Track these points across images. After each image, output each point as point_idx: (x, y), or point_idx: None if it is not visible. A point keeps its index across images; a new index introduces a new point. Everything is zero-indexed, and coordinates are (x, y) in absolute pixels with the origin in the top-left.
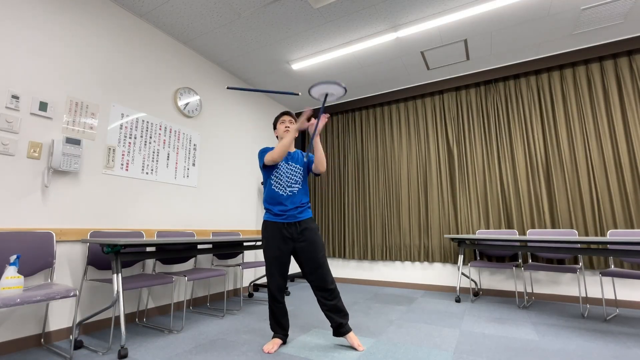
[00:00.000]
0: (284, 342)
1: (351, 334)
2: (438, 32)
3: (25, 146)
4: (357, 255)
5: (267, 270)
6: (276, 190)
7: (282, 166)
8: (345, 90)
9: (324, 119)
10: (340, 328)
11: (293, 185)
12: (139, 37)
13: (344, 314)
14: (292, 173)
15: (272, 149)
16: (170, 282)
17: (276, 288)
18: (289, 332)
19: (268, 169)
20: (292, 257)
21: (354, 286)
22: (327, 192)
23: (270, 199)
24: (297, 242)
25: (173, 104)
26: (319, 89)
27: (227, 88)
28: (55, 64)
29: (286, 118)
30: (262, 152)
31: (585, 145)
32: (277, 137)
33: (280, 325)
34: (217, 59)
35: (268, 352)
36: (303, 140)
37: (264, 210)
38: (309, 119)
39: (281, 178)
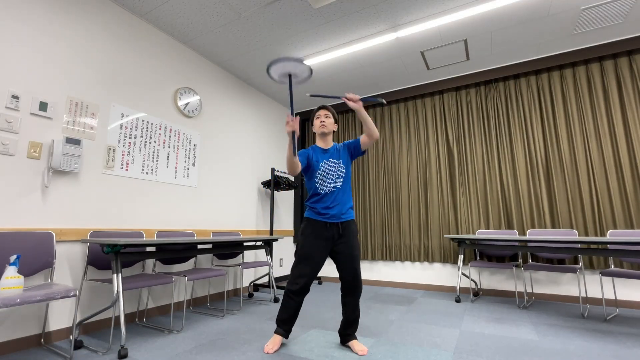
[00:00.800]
0: (286, 338)
1: (354, 341)
2: (438, 32)
3: (25, 146)
4: None
5: (296, 266)
6: (319, 189)
7: (322, 166)
8: (311, 71)
9: (294, 122)
10: (346, 337)
11: (337, 180)
12: (138, 37)
13: (355, 327)
14: (334, 170)
15: (308, 151)
16: (170, 282)
17: (301, 287)
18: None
19: (308, 173)
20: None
21: None
22: None
23: (314, 197)
24: (336, 243)
25: (173, 104)
26: (276, 67)
27: (310, 95)
28: (55, 64)
29: (322, 113)
30: (300, 152)
31: (585, 145)
32: (314, 132)
33: (289, 322)
34: (217, 59)
35: (268, 352)
36: (302, 137)
37: (307, 209)
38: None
39: (325, 177)
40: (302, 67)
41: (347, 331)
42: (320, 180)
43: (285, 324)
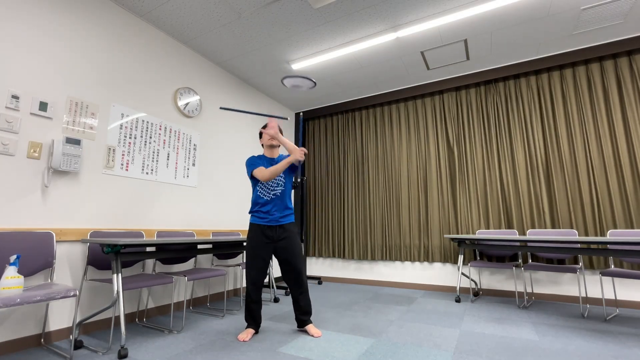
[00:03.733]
0: (257, 332)
1: (309, 326)
2: (438, 32)
3: (25, 146)
4: (357, 255)
5: (246, 269)
6: (261, 195)
7: None
8: (315, 84)
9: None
10: (302, 323)
11: (276, 188)
12: (139, 37)
13: (308, 314)
14: (275, 178)
15: (258, 158)
16: (170, 282)
17: (252, 285)
18: (287, 332)
19: (255, 178)
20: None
21: (354, 286)
22: (327, 192)
23: (256, 204)
24: (277, 244)
25: (173, 104)
26: (291, 81)
27: (220, 109)
28: (55, 64)
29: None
30: (250, 163)
31: (585, 145)
32: (262, 145)
33: (254, 320)
34: (217, 59)
35: (243, 340)
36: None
37: (251, 215)
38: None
39: (268, 185)
40: (309, 83)
41: (302, 317)
42: (263, 188)
43: (252, 322)
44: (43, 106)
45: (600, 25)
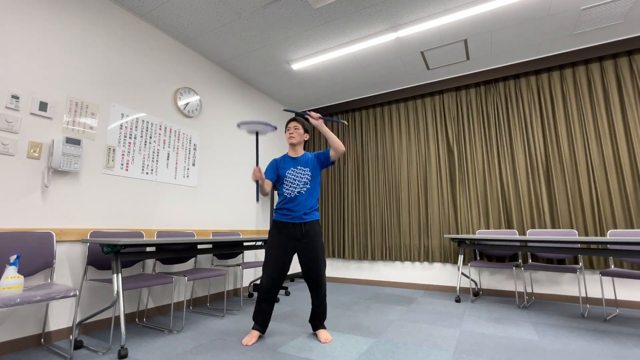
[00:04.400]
0: (262, 335)
1: (320, 330)
2: (438, 32)
3: (25, 146)
4: (357, 255)
5: (264, 266)
6: (286, 194)
7: (290, 173)
8: (275, 129)
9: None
10: (315, 328)
11: (301, 186)
12: (139, 37)
13: (323, 318)
14: (300, 177)
15: (275, 162)
16: (170, 282)
17: (269, 283)
18: (287, 332)
19: (279, 183)
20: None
21: (354, 286)
22: (327, 192)
23: (281, 202)
24: (300, 242)
25: (173, 104)
26: (245, 126)
27: (283, 110)
28: (55, 64)
29: (291, 125)
30: (268, 166)
31: (585, 145)
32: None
33: (263, 321)
34: (217, 59)
35: (247, 345)
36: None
37: (274, 212)
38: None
39: (291, 183)
40: (268, 128)
41: (315, 322)
42: (287, 186)
43: (260, 323)
44: (43, 106)
45: (600, 25)
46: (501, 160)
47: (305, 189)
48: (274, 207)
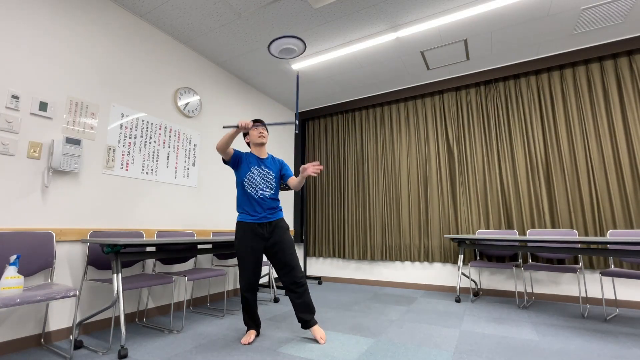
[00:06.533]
0: (258, 334)
1: (315, 327)
2: (438, 32)
3: (25, 146)
4: (357, 255)
5: (239, 269)
6: (249, 192)
7: (253, 171)
8: (305, 45)
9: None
10: (306, 324)
11: (265, 189)
12: (139, 37)
13: (310, 310)
14: (263, 178)
15: (242, 153)
16: (170, 282)
17: (247, 286)
18: (287, 332)
19: (237, 171)
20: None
21: (354, 286)
22: (327, 192)
23: (243, 202)
24: (267, 241)
25: (173, 104)
26: (280, 43)
27: (224, 127)
28: (55, 64)
29: (261, 127)
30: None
31: (585, 145)
32: (247, 143)
33: (254, 322)
34: (217, 59)
35: (247, 344)
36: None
37: (239, 213)
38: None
39: (253, 181)
40: (298, 43)
41: (303, 317)
42: (249, 184)
43: (252, 323)
44: (43, 106)
45: (600, 25)
46: (501, 160)
47: (268, 193)
48: (237, 209)
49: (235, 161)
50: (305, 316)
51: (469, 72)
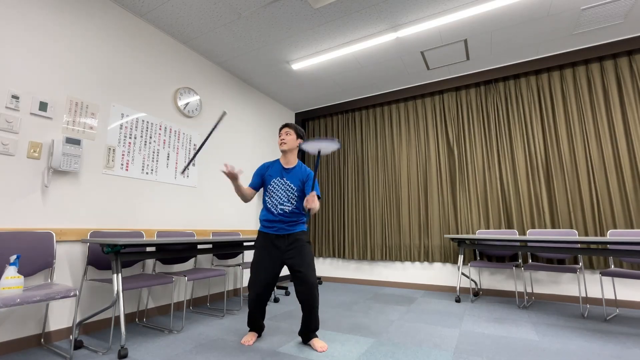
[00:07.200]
0: (259, 336)
1: (314, 340)
2: (438, 32)
3: (25, 146)
4: (357, 255)
5: (250, 281)
6: (269, 206)
7: (274, 182)
8: (339, 144)
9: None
10: (305, 337)
11: (285, 204)
12: (139, 37)
13: (311, 328)
14: (285, 191)
15: (265, 166)
16: (170, 282)
17: (255, 297)
18: (287, 332)
19: (264, 188)
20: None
21: (354, 286)
22: (327, 192)
23: (264, 212)
24: (285, 253)
25: (173, 104)
26: (311, 145)
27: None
28: (55, 64)
29: (282, 131)
30: (256, 170)
31: (585, 145)
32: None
33: (257, 326)
34: (217, 59)
35: (248, 344)
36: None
37: (260, 223)
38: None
39: (274, 194)
40: (331, 146)
41: (307, 333)
42: (269, 197)
43: (255, 327)
44: (43, 106)
45: (600, 25)
46: (501, 160)
47: (288, 207)
48: (259, 217)
49: (262, 184)
50: (306, 331)
51: (469, 72)
